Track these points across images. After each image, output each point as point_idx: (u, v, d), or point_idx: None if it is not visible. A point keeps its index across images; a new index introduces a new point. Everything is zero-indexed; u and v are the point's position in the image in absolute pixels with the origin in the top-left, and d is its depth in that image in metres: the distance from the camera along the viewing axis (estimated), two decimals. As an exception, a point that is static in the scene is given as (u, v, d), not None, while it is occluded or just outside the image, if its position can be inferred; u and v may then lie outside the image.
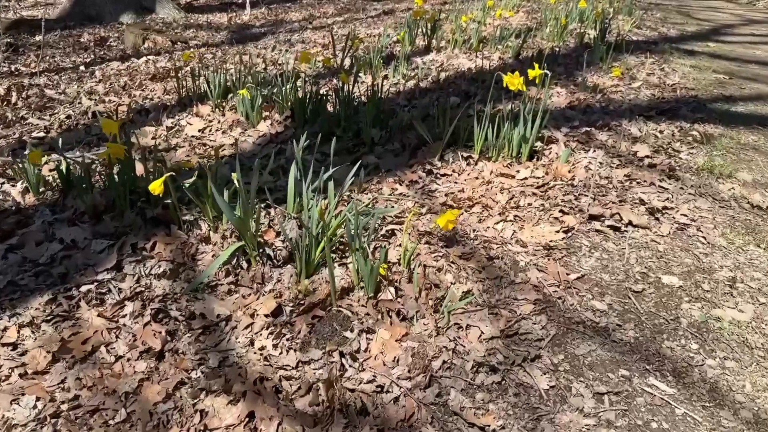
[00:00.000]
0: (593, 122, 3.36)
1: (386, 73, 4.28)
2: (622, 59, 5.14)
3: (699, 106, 3.96)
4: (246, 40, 5.99)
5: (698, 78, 4.76)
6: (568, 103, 3.70)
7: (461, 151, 2.94)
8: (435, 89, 3.97)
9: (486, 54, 5.06)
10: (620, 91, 4.16)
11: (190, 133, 3.13)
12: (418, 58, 4.85)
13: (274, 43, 5.51)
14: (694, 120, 3.58)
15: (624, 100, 3.91)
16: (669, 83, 4.43)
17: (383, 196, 2.55)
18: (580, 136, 3.14)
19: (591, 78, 4.44)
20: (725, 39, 6.99)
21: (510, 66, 4.69)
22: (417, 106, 3.55)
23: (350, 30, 5.93)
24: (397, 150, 2.96)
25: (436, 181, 2.70)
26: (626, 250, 2.20)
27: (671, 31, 7.14)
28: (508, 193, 2.57)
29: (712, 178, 2.80)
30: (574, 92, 3.94)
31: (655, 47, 5.87)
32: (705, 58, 5.71)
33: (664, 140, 3.17)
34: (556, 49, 5.43)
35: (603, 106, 3.72)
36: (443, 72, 4.44)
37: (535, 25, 6.81)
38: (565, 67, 4.76)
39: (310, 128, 3.11)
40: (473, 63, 4.73)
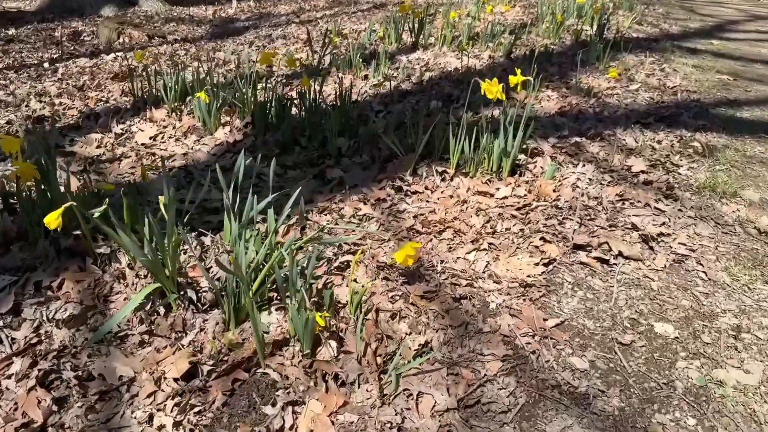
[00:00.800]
0: (585, 131, 3.03)
1: (367, 72, 3.95)
2: (620, 58, 4.80)
3: (701, 111, 3.62)
4: (227, 34, 5.65)
5: (701, 79, 4.41)
6: (559, 109, 3.38)
7: (436, 164, 2.62)
8: (416, 91, 3.64)
9: (476, 52, 4.72)
10: (616, 94, 3.83)
11: (140, 141, 2.81)
12: (404, 57, 4.52)
13: (254, 38, 5.18)
14: (695, 128, 3.25)
15: (620, 105, 3.58)
16: (669, 85, 4.09)
17: (344, 219, 2.24)
18: (569, 147, 2.82)
19: (586, 79, 4.10)
20: (729, 36, 6.63)
21: (500, 66, 4.36)
22: (393, 112, 3.23)
23: (335, 25, 5.59)
24: (365, 162, 2.64)
25: (405, 199, 2.39)
26: (615, 289, 1.88)
27: (673, 27, 6.78)
28: (485, 216, 2.26)
29: (714, 197, 2.48)
30: (566, 96, 3.61)
31: (656, 45, 5.52)
32: (708, 57, 5.36)
33: (663, 152, 2.84)
34: (551, 47, 5.09)
35: (597, 112, 3.39)
36: (428, 72, 4.11)
37: (531, 20, 6.46)
38: (559, 66, 4.42)
39: (272, 136, 2.79)
40: (461, 62, 4.40)
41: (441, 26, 5.47)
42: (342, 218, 2.24)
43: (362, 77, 3.91)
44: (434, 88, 3.73)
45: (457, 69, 4.15)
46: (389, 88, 3.69)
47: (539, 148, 2.78)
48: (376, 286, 1.81)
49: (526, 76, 3.48)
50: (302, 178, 2.51)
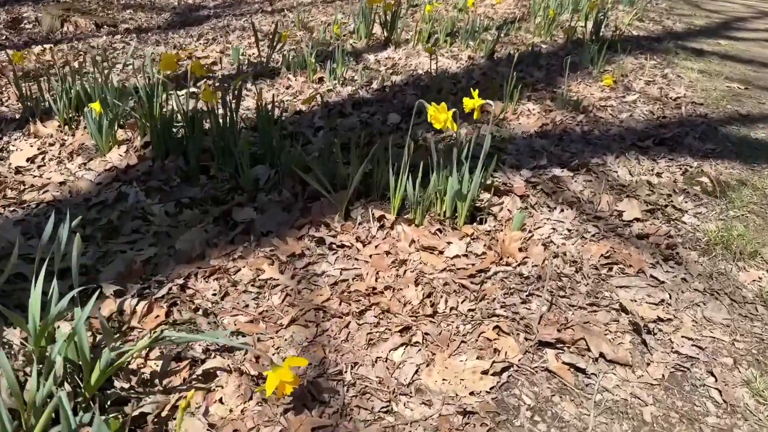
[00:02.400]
0: (568, 160, 2.42)
1: (322, 74, 3.33)
2: (617, 61, 4.16)
3: (709, 130, 3.01)
4: (186, 24, 5.01)
5: (708, 88, 3.78)
6: (540, 128, 2.76)
7: (376, 205, 2.02)
8: (375, 100, 3.02)
9: (455, 52, 4.08)
10: (610, 106, 3.20)
11: (14, 164, 2.21)
12: (371, 55, 3.88)
13: (209, 30, 4.54)
14: (703, 154, 2.64)
15: (614, 122, 2.96)
16: (672, 96, 3.47)
17: (239, 287, 1.64)
18: (545, 182, 2.21)
19: (576, 87, 3.47)
20: (738, 35, 5.96)
21: (480, 69, 3.73)
22: (340, 128, 2.61)
23: (300, 16, 4.94)
24: (287, 200, 2.03)
25: (328, 256, 1.79)
26: (591, 419, 1.29)
27: (677, 24, 6.11)
28: (427, 285, 1.66)
29: (728, 258, 1.88)
30: (549, 110, 2.99)
31: (658, 45, 4.87)
32: (715, 59, 4.71)
33: (663, 191, 2.23)
34: (541, 47, 4.45)
35: (585, 132, 2.77)
36: (394, 75, 3.48)
37: (524, 14, 5.80)
38: (547, 71, 3.79)
39: (173, 160, 2.19)
40: (435, 63, 3.76)
41: (419, 20, 4.82)
42: (236, 286, 1.64)
43: (316, 80, 3.28)
44: (397, 96, 3.10)
45: (428, 72, 3.52)
46: (344, 95, 3.07)
47: (509, 184, 2.17)
48: (243, 419, 1.22)
49: (507, 81, 2.86)
50: (200, 221, 1.91)
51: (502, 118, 2.84)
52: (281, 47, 3.77)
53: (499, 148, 2.48)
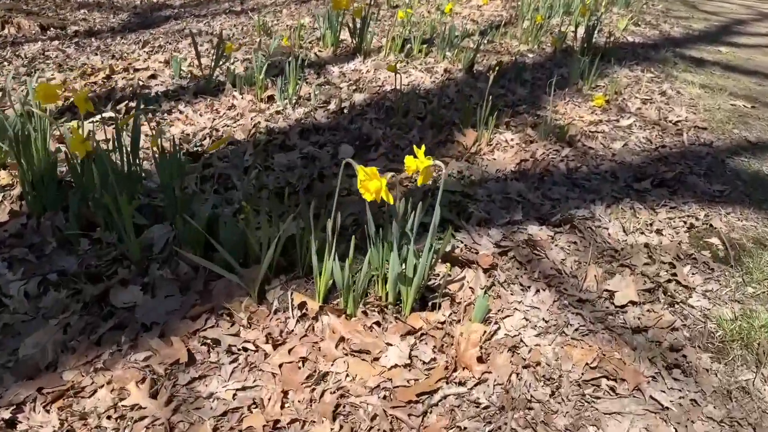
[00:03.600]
0: (548, 212, 1.94)
1: (273, 91, 2.83)
2: (610, 74, 3.67)
3: (715, 163, 2.54)
4: (144, 26, 4.50)
5: (711, 107, 3.31)
6: (518, 164, 2.28)
7: (300, 285, 1.55)
8: (327, 127, 2.53)
9: (430, 63, 3.59)
10: (602, 133, 2.73)
11: None
12: (336, 67, 3.39)
13: (162, 34, 4.03)
14: (710, 199, 2.17)
15: (605, 154, 2.49)
16: (672, 119, 2.99)
17: (92, 417, 1.17)
18: (519, 247, 1.73)
19: (563, 108, 2.99)
20: (738, 41, 5.48)
21: (456, 84, 3.24)
22: (276, 167, 2.13)
23: (261, 19, 4.43)
24: (185, 276, 1.56)
25: (223, 366, 1.31)
26: None
27: (675, 29, 5.62)
28: (349, 418, 1.20)
29: (750, 362, 1.41)
30: (531, 140, 2.51)
31: (656, 54, 4.39)
32: (717, 70, 4.24)
33: (664, 258, 1.76)
34: (527, 56, 3.96)
35: (571, 169, 2.30)
36: (357, 93, 2.99)
37: (512, 17, 5.30)
38: (531, 87, 3.31)
39: (53, 217, 1.70)
40: (407, 77, 3.27)
41: (393, 26, 4.33)
42: (85, 420, 1.17)
43: (265, 99, 2.79)
44: (355, 121, 2.62)
45: (396, 90, 3.03)
46: (293, 119, 2.58)
47: (473, 249, 1.70)
48: None
49: (483, 103, 2.39)
50: (65, 308, 1.43)
51: (474, 152, 2.36)
52: (231, 58, 3.28)
53: (467, 194, 2.01)
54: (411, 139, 2.44)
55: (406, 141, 2.41)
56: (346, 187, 1.97)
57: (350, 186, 1.98)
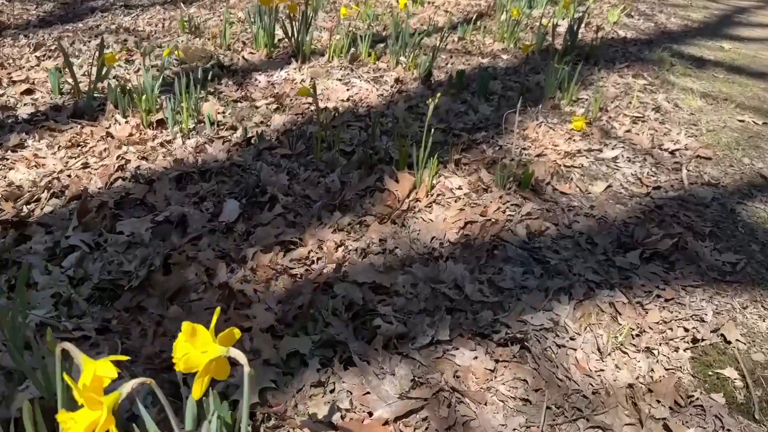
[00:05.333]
0: (490, 323, 1.31)
1: (165, 115, 2.17)
2: (596, 82, 3.01)
3: (724, 214, 1.91)
4: (66, 20, 3.80)
5: (715, 125, 2.66)
6: (462, 229, 1.64)
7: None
8: (217, 170, 1.88)
9: (382, 68, 2.92)
10: (579, 168, 2.09)
11: None
12: (263, 75, 2.72)
13: (70, 33, 3.34)
14: (720, 274, 1.55)
15: (581, 205, 1.85)
16: (668, 146, 2.35)
17: None
18: (436, 401, 1.11)
19: (534, 133, 2.34)
20: (741, 34, 4.79)
21: (407, 98, 2.58)
22: (110, 247, 1.48)
23: (196, 14, 3.73)
24: None
25: None
26: None
27: (672, 20, 4.92)
28: None
29: None
30: (484, 188, 1.86)
31: (650, 53, 3.71)
32: (720, 72, 3.57)
33: (655, 410, 1.14)
34: (501, 57, 3.29)
35: (532, 234, 1.66)
36: (278, 113, 2.33)
37: (490, 5, 4.60)
38: (499, 102, 2.65)
39: None
40: (348, 90, 2.61)
41: (340, 23, 3.65)
42: None
43: (154, 124, 2.14)
44: (263, 156, 1.97)
45: (327, 110, 2.38)
46: (179, 155, 1.93)
47: (362, 410, 1.08)
48: None
49: (424, 136, 1.74)
50: None
51: (407, 208, 1.73)
52: (137, 65, 2.60)
53: (380, 287, 1.38)
54: (328, 186, 1.80)
55: (320, 190, 1.78)
56: (203, 280, 1.34)
57: (213, 272, 1.36)
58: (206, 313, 1.24)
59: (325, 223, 1.62)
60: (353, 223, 1.64)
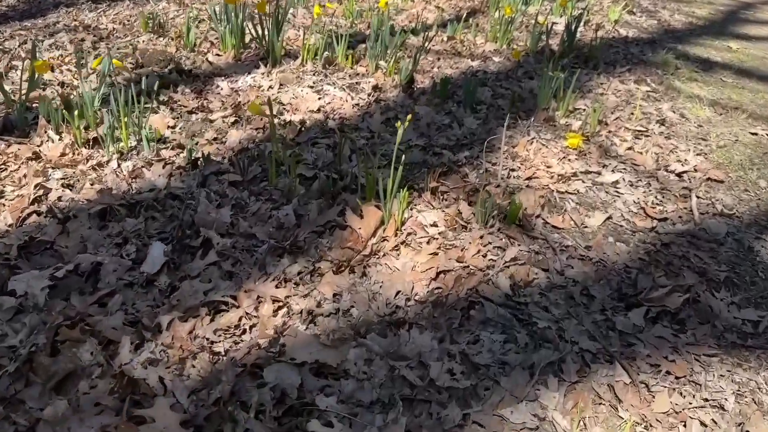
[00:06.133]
0: (453, 428, 1.03)
1: (104, 131, 1.87)
2: (595, 89, 2.71)
3: (740, 251, 1.63)
4: (27, 16, 3.48)
5: (726, 141, 2.36)
6: (433, 280, 1.35)
7: None
8: (154, 201, 1.59)
9: (361, 72, 2.62)
10: (575, 195, 1.80)
11: None
12: (226, 81, 2.41)
13: (27, 30, 3.02)
14: (740, 337, 1.27)
15: (576, 246, 1.56)
16: (675, 168, 2.05)
17: None
18: None
19: (524, 150, 2.05)
20: (749, 32, 4.46)
21: (384, 110, 2.28)
22: None
23: (161, 9, 3.41)
24: None
25: None
26: None
27: (675, 17, 4.60)
28: None
29: None
30: (463, 225, 1.56)
31: (653, 54, 3.40)
32: (729, 76, 3.26)
33: None
34: (492, 60, 2.98)
35: (517, 286, 1.37)
36: (234, 128, 2.03)
37: (483, 2, 4.27)
38: (487, 113, 2.35)
39: None
40: (320, 100, 2.31)
41: (314, 22, 3.33)
42: None
43: (90, 143, 1.84)
44: (208, 183, 1.68)
45: (292, 125, 2.08)
46: (111, 182, 1.64)
47: None
48: None
49: (392, 167, 1.46)
50: None
51: (370, 252, 1.43)
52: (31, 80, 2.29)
53: (325, 367, 1.10)
54: (281, 222, 1.51)
55: (270, 227, 1.49)
56: (99, 361, 1.06)
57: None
58: (96, 410, 0.95)
59: (270, 273, 1.33)
60: (304, 272, 1.35)
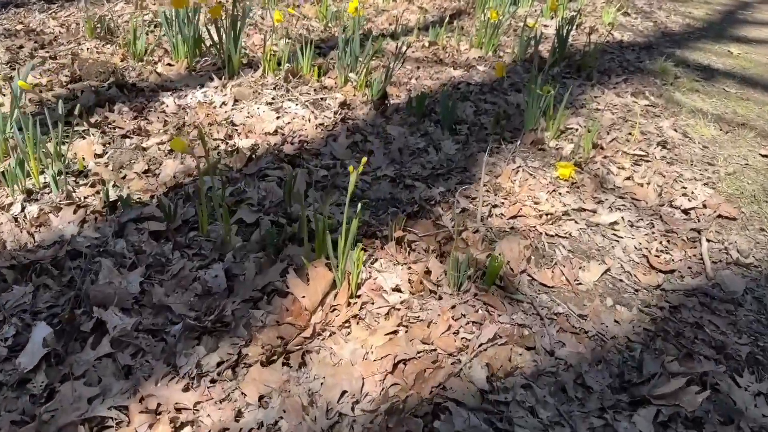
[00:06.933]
0: None
1: (11, 165, 1.55)
2: (588, 103, 2.40)
3: (762, 313, 1.34)
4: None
5: (736, 167, 2.07)
6: (389, 375, 1.04)
7: None
8: (53, 262, 1.28)
9: (329, 85, 2.30)
10: (567, 239, 1.50)
11: None
12: (172, 97, 2.09)
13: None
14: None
15: (568, 315, 1.26)
16: (680, 203, 1.75)
17: None
18: None
19: (508, 182, 1.74)
20: (749, 34, 4.16)
21: (352, 131, 1.97)
22: None
23: (94, 15, 3.07)
24: None
25: None
26: None
27: (672, 18, 4.29)
28: None
29: None
30: (433, 290, 1.26)
31: (650, 61, 3.10)
32: (732, 86, 2.96)
33: None
34: (477, 68, 2.66)
35: (495, 378, 1.07)
36: (171, 158, 1.71)
37: (470, 3, 3.94)
38: (468, 134, 2.04)
39: None
40: (279, 119, 1.99)
41: (276, 28, 3.01)
42: None
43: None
44: (125, 232, 1.36)
45: (237, 152, 1.76)
46: (6, 232, 1.32)
47: None
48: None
49: (345, 214, 1.15)
50: None
51: (311, 334, 1.13)
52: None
53: None
54: (208, 286, 1.20)
55: (191, 296, 1.18)
56: None
57: None
58: None
59: (179, 366, 1.02)
60: (225, 362, 1.04)
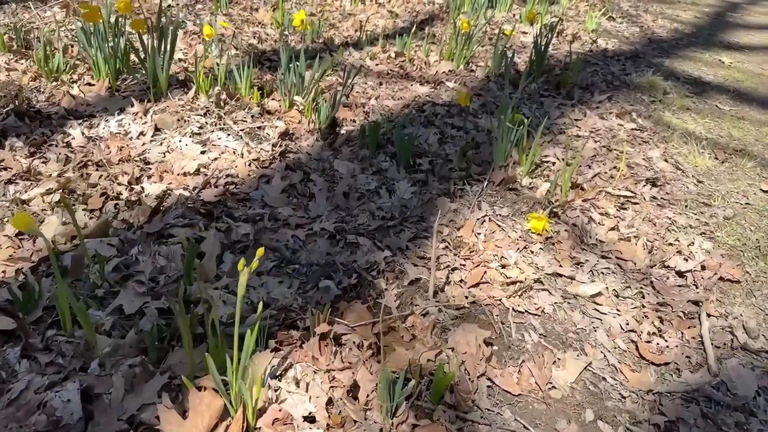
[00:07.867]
0: None
1: None
2: (567, 129, 2.08)
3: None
4: None
5: (736, 209, 1.76)
6: None
7: None
8: None
9: (272, 109, 1.95)
10: (537, 316, 1.18)
11: None
12: (83, 126, 1.73)
13: None
14: None
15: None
16: (674, 264, 1.45)
17: None
18: None
19: (470, 236, 1.42)
20: (740, 40, 3.86)
21: (295, 164, 1.63)
22: None
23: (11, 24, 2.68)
24: None
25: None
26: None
27: (659, 22, 3.97)
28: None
29: None
30: (358, 419, 0.95)
31: (637, 74, 2.78)
32: (725, 103, 2.65)
33: None
34: (446, 85, 2.33)
35: None
36: (56, 213, 1.37)
37: (444, 7, 3.59)
38: (430, 169, 1.72)
39: None
40: (202, 154, 1.65)
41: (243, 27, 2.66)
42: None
43: None
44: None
45: (139, 203, 1.42)
46: None
47: None
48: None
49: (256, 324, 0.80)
50: None
51: None
52: None
53: None
54: (55, 417, 0.87)
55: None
56: None
57: None
58: None
59: None
60: None
